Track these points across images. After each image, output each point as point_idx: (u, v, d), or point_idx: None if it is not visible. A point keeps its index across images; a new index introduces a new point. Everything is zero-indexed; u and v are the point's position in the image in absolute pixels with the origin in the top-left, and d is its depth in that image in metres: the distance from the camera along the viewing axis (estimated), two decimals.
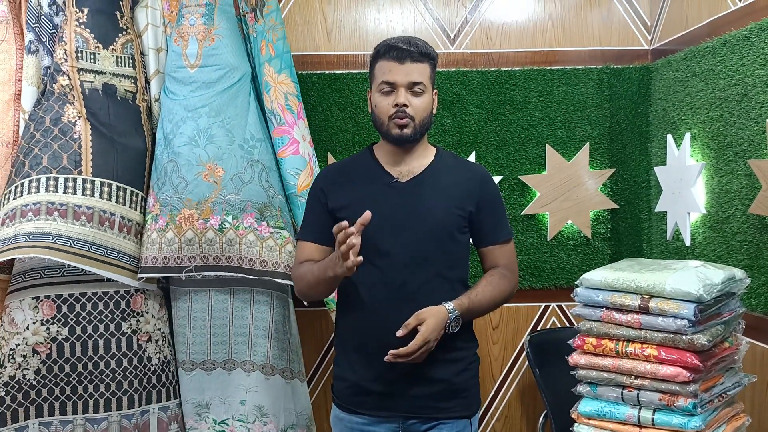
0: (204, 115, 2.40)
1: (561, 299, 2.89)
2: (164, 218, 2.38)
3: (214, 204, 2.37)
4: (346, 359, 1.92)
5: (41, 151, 2.30)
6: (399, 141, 1.86)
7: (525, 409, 2.93)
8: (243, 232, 2.38)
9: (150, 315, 2.44)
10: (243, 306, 2.47)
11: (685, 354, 1.69)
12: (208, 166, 2.38)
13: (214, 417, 2.48)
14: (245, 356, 2.48)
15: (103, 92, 2.41)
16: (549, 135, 2.83)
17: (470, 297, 1.83)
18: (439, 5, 2.88)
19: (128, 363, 2.38)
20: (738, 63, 2.18)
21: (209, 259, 2.37)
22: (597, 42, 2.88)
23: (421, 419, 1.86)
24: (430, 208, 1.86)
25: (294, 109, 2.51)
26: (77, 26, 2.39)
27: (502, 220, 1.97)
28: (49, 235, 2.22)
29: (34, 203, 2.24)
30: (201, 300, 2.47)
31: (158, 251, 2.37)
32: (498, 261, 1.95)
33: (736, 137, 2.20)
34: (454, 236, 1.87)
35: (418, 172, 1.90)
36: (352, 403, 1.90)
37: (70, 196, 2.28)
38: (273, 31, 2.52)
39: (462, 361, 1.89)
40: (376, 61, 1.87)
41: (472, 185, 1.92)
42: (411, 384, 1.82)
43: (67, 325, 2.32)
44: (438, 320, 1.74)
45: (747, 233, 2.15)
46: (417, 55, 1.83)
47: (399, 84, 1.82)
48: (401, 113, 1.82)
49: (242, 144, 2.42)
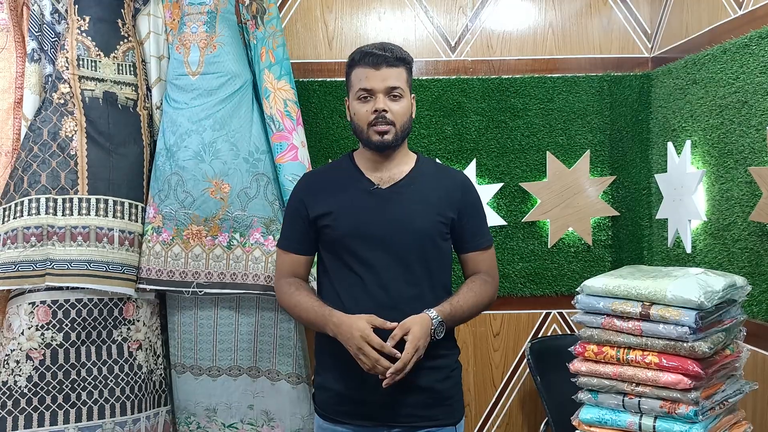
0: (209, 128, 2.42)
1: (562, 306, 2.88)
2: (169, 231, 2.40)
3: (222, 221, 2.42)
4: (328, 368, 1.90)
5: (39, 167, 2.33)
6: (380, 147, 1.85)
7: (526, 416, 2.92)
8: (249, 249, 2.42)
9: (141, 323, 2.45)
10: (249, 312, 2.49)
11: (686, 361, 1.68)
12: (215, 183, 2.41)
13: (222, 421, 2.52)
14: (250, 362, 2.49)
15: (104, 100, 2.41)
16: (550, 142, 2.84)
17: (452, 303, 1.82)
18: (440, 13, 2.89)
19: (119, 370, 2.38)
20: (738, 71, 2.19)
21: (214, 275, 2.41)
22: (597, 50, 2.89)
23: (405, 428, 1.84)
24: (412, 215, 1.85)
25: (293, 115, 2.52)
26: (79, 34, 2.40)
27: (483, 226, 1.97)
28: (48, 261, 2.29)
29: (36, 227, 2.29)
30: (207, 307, 2.49)
31: (163, 264, 2.39)
32: (479, 267, 1.94)
33: (736, 144, 2.20)
34: (436, 243, 1.86)
35: (399, 179, 1.89)
36: (335, 413, 1.88)
37: (68, 218, 2.33)
38: (273, 38, 2.53)
39: (445, 368, 1.87)
40: (352, 69, 1.87)
41: (453, 192, 1.91)
42: (394, 392, 1.78)
43: (62, 331, 2.32)
44: (423, 327, 1.73)
45: (748, 240, 2.15)
46: (392, 59, 1.82)
47: (376, 90, 1.82)
48: (381, 119, 1.82)
49: (247, 157, 2.44)
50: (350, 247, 1.84)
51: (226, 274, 2.42)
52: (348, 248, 1.84)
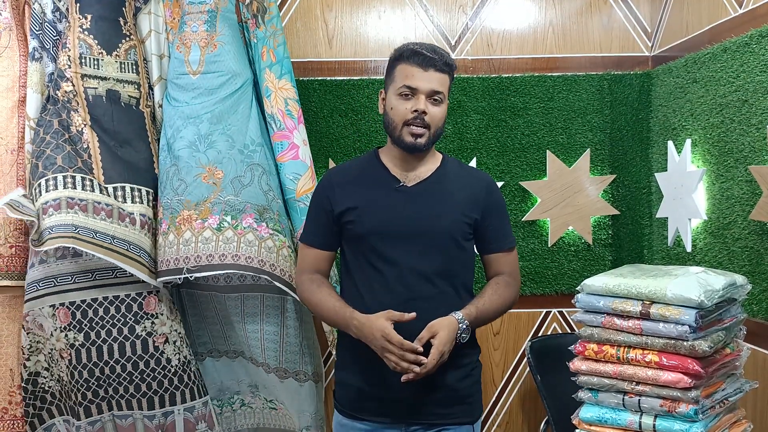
0: (206, 121, 2.41)
1: (562, 305, 2.89)
2: (166, 221, 2.39)
3: (213, 204, 2.35)
4: (348, 365, 1.92)
5: (53, 152, 2.31)
6: (412, 149, 1.86)
7: (526, 415, 2.93)
8: (242, 232, 2.34)
9: (165, 317, 2.43)
10: (253, 312, 2.51)
11: (686, 360, 1.68)
12: (208, 169, 2.38)
13: (265, 396, 2.63)
14: (260, 359, 2.53)
15: (107, 98, 2.42)
16: (550, 141, 2.84)
17: (478, 306, 1.83)
18: (440, 12, 2.89)
19: (145, 365, 2.37)
20: (738, 69, 2.19)
21: (202, 258, 2.30)
22: (597, 48, 2.89)
23: (423, 425, 1.86)
24: (436, 214, 1.86)
25: (294, 114, 2.52)
26: (80, 32, 2.40)
27: (507, 227, 1.98)
28: (72, 226, 2.21)
29: (53, 199, 2.24)
30: (215, 301, 2.57)
31: (162, 255, 2.38)
32: (502, 268, 1.95)
33: (736, 143, 2.21)
34: (459, 243, 1.87)
35: (425, 177, 1.90)
36: (354, 409, 1.90)
37: (89, 193, 2.28)
38: (274, 37, 2.53)
39: (465, 366, 1.89)
40: (398, 63, 1.85)
41: (477, 192, 1.92)
42: (414, 390, 1.80)
43: (82, 331, 2.33)
44: (450, 332, 1.74)
45: (748, 239, 2.15)
46: (441, 64, 1.82)
47: (421, 90, 1.81)
48: (419, 120, 1.81)
49: (242, 149, 2.43)
50: (373, 244, 1.84)
51: (214, 256, 2.30)
52: (371, 245, 1.84)
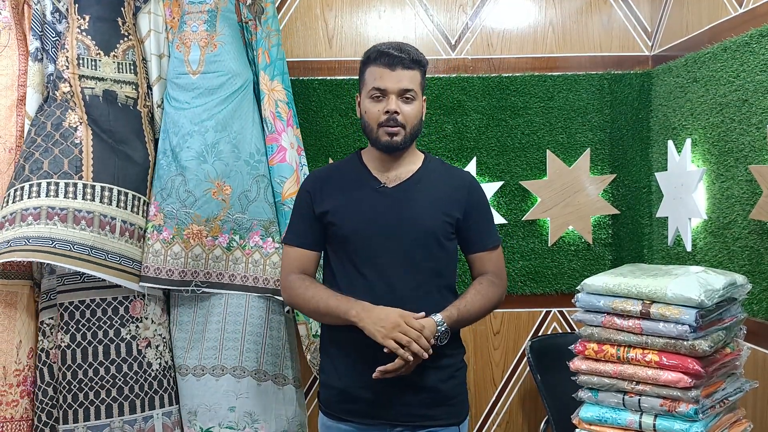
0: (211, 129, 2.42)
1: (562, 305, 2.88)
2: (169, 230, 2.40)
3: (223, 222, 2.44)
4: (332, 366, 1.90)
5: (42, 155, 2.31)
6: (388, 148, 1.86)
7: (526, 414, 2.93)
8: (249, 252, 2.46)
9: (150, 320, 2.45)
10: (237, 311, 2.47)
11: (686, 359, 1.68)
12: (217, 184, 2.42)
13: (201, 425, 2.46)
14: (235, 362, 2.45)
15: (104, 98, 2.42)
16: (550, 141, 2.83)
17: (459, 308, 1.81)
18: (440, 11, 2.89)
19: (128, 368, 2.38)
20: (738, 69, 2.19)
21: (213, 275, 2.45)
22: (598, 48, 2.89)
23: (408, 427, 1.84)
24: (417, 214, 1.85)
25: (284, 116, 2.52)
26: (79, 33, 2.40)
27: (490, 226, 1.97)
28: (49, 240, 2.22)
29: (34, 207, 2.25)
30: (203, 306, 2.48)
31: (163, 263, 2.39)
32: (486, 267, 1.93)
33: (736, 143, 2.20)
34: (441, 243, 1.86)
35: (406, 178, 1.90)
36: (339, 411, 1.88)
37: (71, 201, 2.29)
38: (269, 38, 2.53)
39: (449, 368, 1.87)
40: (366, 66, 1.86)
41: (459, 192, 1.91)
42: (398, 391, 1.80)
43: (69, 333, 2.33)
44: (427, 334, 1.73)
45: (748, 239, 2.15)
46: (408, 61, 1.82)
47: (390, 91, 1.81)
48: (392, 121, 1.81)
49: (248, 160, 2.46)
50: (355, 245, 1.83)
51: (224, 275, 2.46)
52: (353, 246, 1.84)
